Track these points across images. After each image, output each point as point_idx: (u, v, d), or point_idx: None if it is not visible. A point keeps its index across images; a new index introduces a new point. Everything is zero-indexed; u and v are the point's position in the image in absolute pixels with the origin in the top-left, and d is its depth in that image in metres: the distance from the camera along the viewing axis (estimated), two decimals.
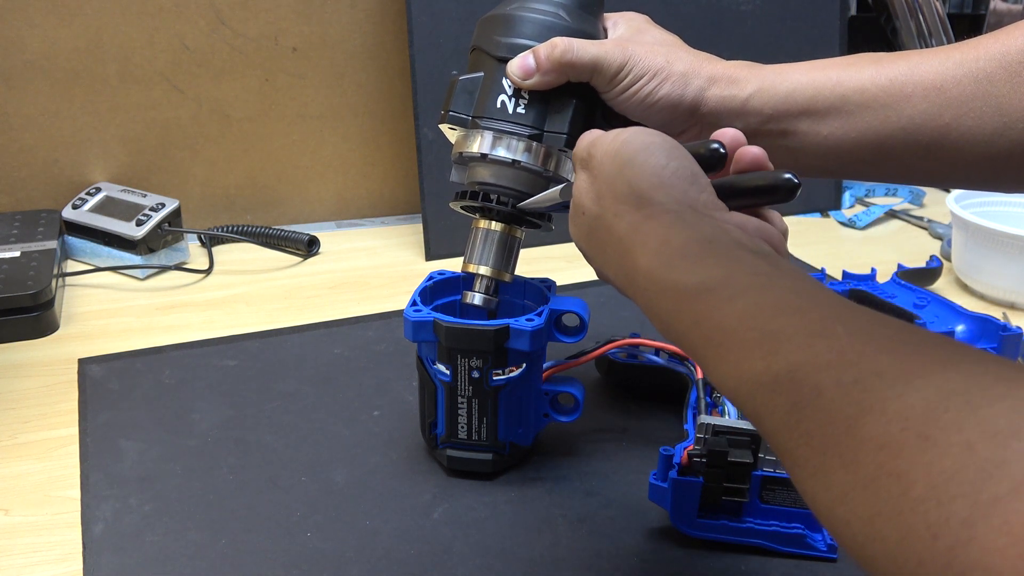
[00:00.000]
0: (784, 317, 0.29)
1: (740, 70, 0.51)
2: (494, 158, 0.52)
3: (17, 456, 0.58)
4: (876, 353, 0.25)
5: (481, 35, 0.53)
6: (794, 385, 0.27)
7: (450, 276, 0.60)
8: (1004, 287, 0.83)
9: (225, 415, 0.63)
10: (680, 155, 0.41)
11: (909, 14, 1.18)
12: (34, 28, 0.89)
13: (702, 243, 0.35)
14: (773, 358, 0.28)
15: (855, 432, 0.23)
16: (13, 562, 0.49)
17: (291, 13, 0.97)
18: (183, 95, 0.96)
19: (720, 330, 0.31)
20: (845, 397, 0.25)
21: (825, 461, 0.24)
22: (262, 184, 1.03)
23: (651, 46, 0.51)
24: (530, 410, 0.57)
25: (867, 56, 0.50)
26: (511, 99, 0.51)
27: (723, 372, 0.31)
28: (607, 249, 0.41)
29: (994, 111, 0.46)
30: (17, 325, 0.74)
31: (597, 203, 0.42)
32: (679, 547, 0.51)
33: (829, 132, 0.50)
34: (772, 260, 0.34)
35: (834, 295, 0.31)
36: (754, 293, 0.31)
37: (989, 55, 0.46)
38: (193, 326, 0.78)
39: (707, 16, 1.01)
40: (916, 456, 0.21)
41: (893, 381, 0.24)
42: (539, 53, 0.50)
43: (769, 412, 0.28)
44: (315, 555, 0.49)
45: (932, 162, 0.49)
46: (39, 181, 0.94)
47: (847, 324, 0.27)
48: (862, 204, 1.16)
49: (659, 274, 0.35)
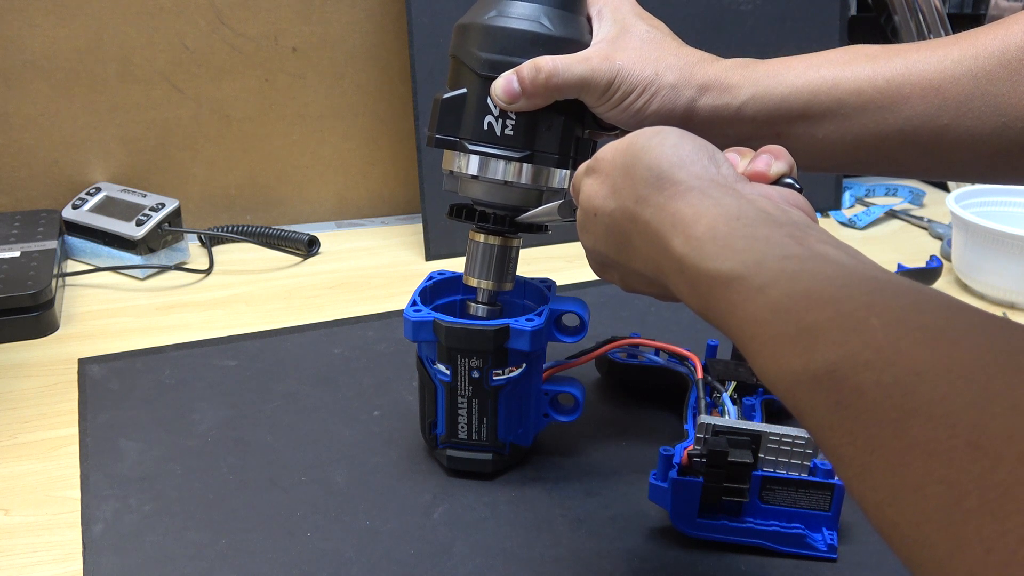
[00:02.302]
0: (817, 309, 0.28)
1: (733, 74, 0.49)
2: (486, 179, 0.51)
3: (17, 456, 0.58)
4: (913, 348, 0.25)
5: (459, 45, 0.51)
6: (834, 384, 0.26)
7: (450, 276, 0.60)
8: (1004, 287, 0.83)
9: (225, 415, 0.63)
10: (691, 135, 0.40)
11: (909, 14, 1.18)
12: (34, 28, 0.89)
13: (730, 221, 0.34)
14: (810, 356, 0.27)
15: (902, 435, 0.23)
16: (13, 562, 0.49)
17: (291, 13, 0.97)
18: (183, 95, 0.96)
19: (754, 322, 0.30)
20: (888, 399, 0.24)
21: (872, 461, 0.24)
22: (262, 184, 1.03)
23: (639, 52, 0.49)
24: (530, 410, 0.57)
25: (863, 51, 0.48)
26: (498, 120, 0.50)
27: (761, 365, 0.30)
28: (633, 240, 0.40)
29: (993, 110, 0.45)
30: (17, 325, 0.74)
31: (613, 198, 0.40)
32: (679, 547, 0.51)
33: (825, 135, 0.48)
34: (801, 236, 0.33)
35: (867, 269, 0.30)
36: (785, 281, 0.30)
37: (988, 52, 0.45)
38: (193, 326, 0.78)
39: (707, 16, 1.01)
40: (968, 465, 0.21)
41: (935, 381, 0.23)
42: (524, 77, 0.48)
43: (811, 409, 0.27)
44: (315, 555, 0.49)
45: (930, 160, 0.48)
46: (39, 181, 0.94)
47: (882, 314, 0.26)
48: (862, 204, 1.16)
49: (690, 261, 0.34)
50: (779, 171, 0.41)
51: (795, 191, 0.40)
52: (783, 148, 0.42)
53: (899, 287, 0.28)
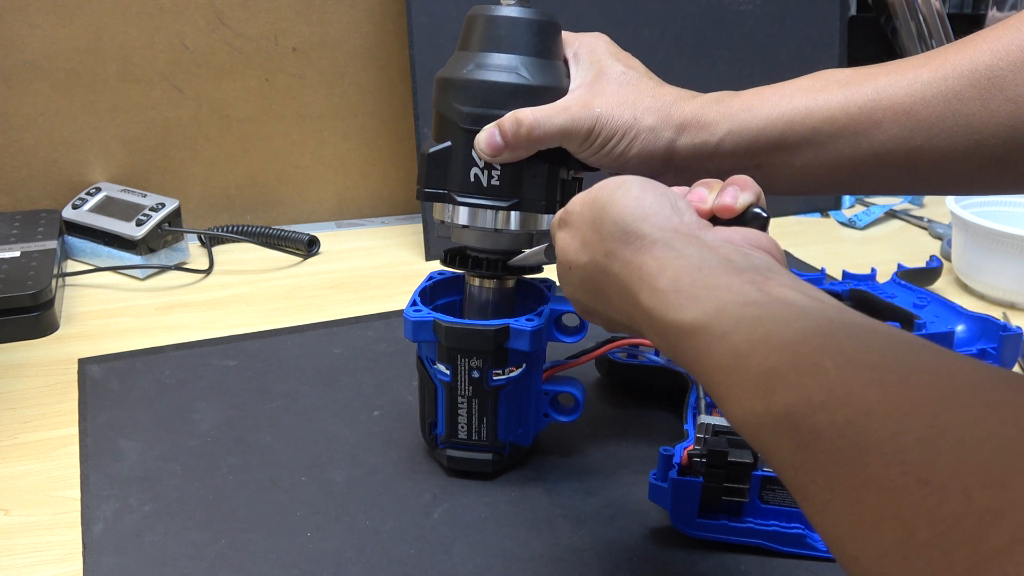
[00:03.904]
0: (775, 354, 0.30)
1: (709, 111, 0.49)
2: (476, 228, 0.52)
3: (17, 456, 0.58)
4: (865, 388, 0.26)
5: (441, 99, 0.52)
6: (794, 426, 0.27)
7: (450, 276, 0.60)
8: (1004, 287, 0.83)
9: (225, 415, 0.63)
10: (653, 185, 0.41)
11: (909, 14, 1.18)
12: (34, 28, 0.89)
13: (692, 272, 0.36)
14: (771, 399, 0.29)
15: (857, 473, 0.24)
16: (13, 562, 0.49)
17: (291, 13, 0.97)
18: (183, 95, 0.96)
19: (719, 369, 0.32)
20: (841, 439, 0.25)
21: (832, 499, 0.25)
22: (262, 184, 1.03)
23: (617, 96, 0.49)
24: (530, 410, 0.57)
25: (833, 77, 0.49)
26: (484, 171, 0.51)
27: (728, 409, 0.31)
28: (607, 292, 0.41)
29: (965, 129, 0.46)
30: (17, 325, 0.74)
31: (585, 251, 0.42)
32: (679, 547, 0.51)
33: (803, 163, 0.49)
34: (762, 280, 0.34)
35: (824, 310, 0.32)
36: (746, 327, 0.32)
37: (958, 72, 0.46)
38: (193, 326, 0.78)
39: (707, 16, 1.01)
40: (918, 501, 0.22)
41: (884, 420, 0.24)
42: (506, 131, 0.49)
43: (775, 450, 0.28)
44: (315, 555, 0.49)
45: (907, 179, 0.49)
46: (39, 181, 0.94)
47: (835, 356, 0.28)
48: (862, 204, 1.16)
49: (657, 313, 0.36)
50: (746, 202, 0.42)
51: (760, 225, 0.41)
52: (749, 178, 0.43)
53: (852, 328, 0.30)
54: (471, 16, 0.52)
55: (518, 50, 0.50)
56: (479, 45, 0.51)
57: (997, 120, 0.45)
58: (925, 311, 0.73)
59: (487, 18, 0.51)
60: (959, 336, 0.69)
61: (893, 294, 0.77)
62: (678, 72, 0.99)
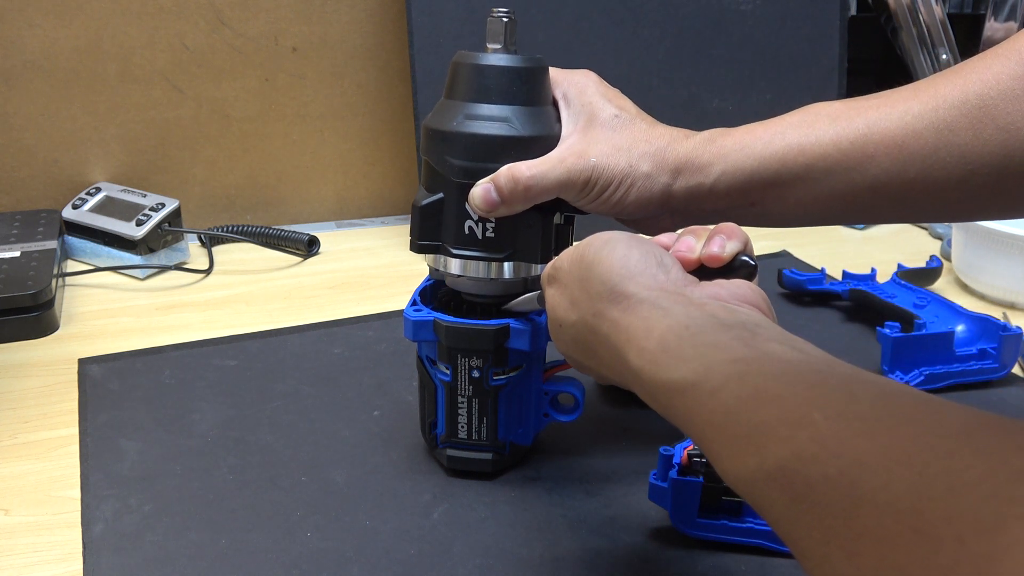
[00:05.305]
0: (765, 408, 0.30)
1: (703, 152, 0.49)
2: (470, 277, 0.52)
3: (17, 456, 0.58)
4: (854, 439, 0.26)
5: (430, 149, 0.51)
6: (787, 480, 0.27)
7: None
8: (1004, 287, 0.83)
9: (225, 415, 0.63)
10: (639, 242, 0.41)
11: (910, 17, 1.18)
12: (34, 28, 0.89)
13: (679, 331, 0.36)
14: (763, 454, 0.29)
15: (852, 524, 0.24)
16: (13, 562, 0.49)
17: (291, 13, 0.97)
18: (183, 95, 0.96)
19: (710, 426, 0.32)
20: (835, 490, 0.25)
21: (829, 552, 0.25)
22: (262, 184, 1.03)
23: (611, 143, 0.49)
24: (530, 410, 0.57)
25: (824, 112, 0.49)
26: (478, 224, 0.50)
27: (722, 466, 0.31)
28: (598, 351, 0.41)
29: (958, 160, 0.46)
30: (17, 325, 0.74)
31: (574, 310, 0.42)
32: (679, 547, 0.51)
33: (797, 199, 0.49)
34: (749, 336, 0.34)
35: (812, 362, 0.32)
36: (734, 384, 0.32)
37: (948, 103, 0.46)
38: (193, 326, 0.78)
39: (707, 16, 1.01)
40: (913, 549, 0.22)
41: (875, 469, 0.24)
42: (502, 187, 0.48)
43: (770, 505, 0.28)
44: (315, 555, 0.49)
45: (901, 209, 0.49)
46: (39, 181, 0.94)
47: (824, 408, 0.28)
48: None
49: (647, 373, 0.36)
50: (733, 250, 0.42)
51: (748, 273, 0.41)
52: (736, 226, 0.44)
53: (840, 379, 0.30)
54: (456, 64, 0.51)
55: (507, 100, 0.49)
56: (467, 95, 0.50)
57: (990, 149, 0.45)
58: (925, 311, 0.73)
59: (473, 67, 0.50)
60: (959, 336, 0.70)
61: (893, 294, 0.78)
62: (678, 72, 1.00)
